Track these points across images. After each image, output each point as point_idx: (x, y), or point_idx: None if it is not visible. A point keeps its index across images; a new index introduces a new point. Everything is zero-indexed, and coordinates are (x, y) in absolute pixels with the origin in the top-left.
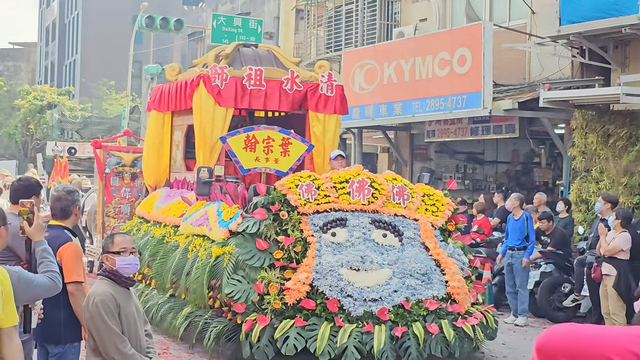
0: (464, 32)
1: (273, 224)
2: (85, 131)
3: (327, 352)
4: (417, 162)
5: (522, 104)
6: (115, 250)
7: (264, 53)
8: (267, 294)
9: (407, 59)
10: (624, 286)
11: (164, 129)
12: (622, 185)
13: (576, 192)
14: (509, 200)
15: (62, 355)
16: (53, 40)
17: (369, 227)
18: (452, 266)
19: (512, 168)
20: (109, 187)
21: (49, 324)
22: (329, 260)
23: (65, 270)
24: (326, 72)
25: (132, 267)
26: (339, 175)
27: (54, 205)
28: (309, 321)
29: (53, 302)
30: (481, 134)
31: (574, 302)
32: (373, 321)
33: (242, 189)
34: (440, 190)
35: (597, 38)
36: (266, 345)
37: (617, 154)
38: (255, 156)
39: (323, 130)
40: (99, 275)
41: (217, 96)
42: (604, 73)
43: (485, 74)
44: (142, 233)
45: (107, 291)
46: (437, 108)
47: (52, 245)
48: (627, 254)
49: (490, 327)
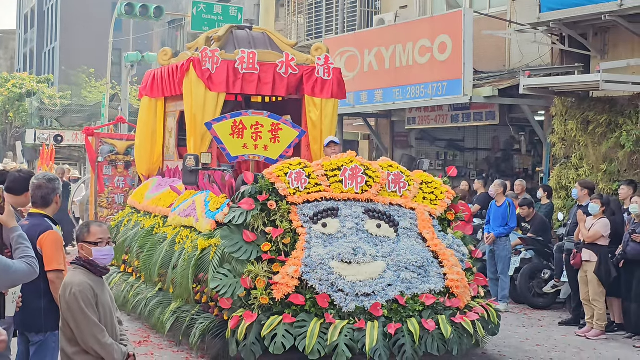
0: (444, 19)
1: (261, 214)
2: (65, 119)
3: (317, 350)
4: (398, 149)
5: (502, 91)
6: (91, 241)
7: (258, 35)
8: (254, 288)
9: (387, 46)
10: (605, 272)
11: (157, 116)
12: (602, 172)
13: (556, 179)
14: (492, 187)
15: (43, 343)
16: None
17: (362, 217)
18: (451, 258)
19: (492, 155)
20: (102, 176)
21: (29, 312)
22: (319, 253)
23: (45, 258)
24: (323, 55)
25: (109, 257)
26: (331, 163)
27: (35, 193)
28: (297, 317)
29: (33, 290)
30: (461, 121)
31: (553, 288)
32: (365, 317)
33: (229, 177)
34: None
35: (576, 25)
36: (253, 343)
37: (597, 141)
38: (243, 143)
39: (320, 115)
40: (74, 264)
41: (207, 81)
42: (584, 60)
43: (465, 61)
44: (132, 224)
45: (85, 281)
46: (418, 95)
47: (32, 234)
48: (607, 239)
49: (493, 322)
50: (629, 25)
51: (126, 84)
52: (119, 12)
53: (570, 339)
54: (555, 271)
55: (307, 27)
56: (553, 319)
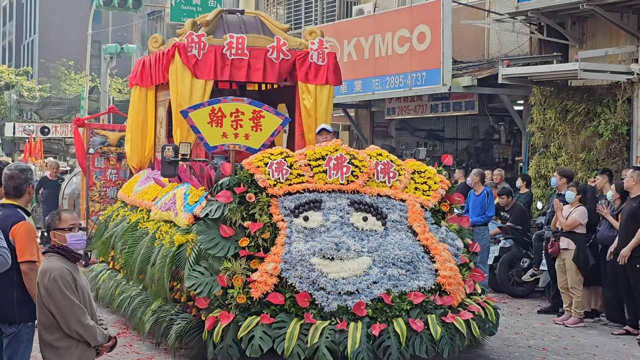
0: (423, 9)
1: (239, 207)
2: (44, 112)
3: (297, 353)
4: (378, 140)
5: (481, 81)
6: (64, 227)
7: (250, 20)
8: (232, 287)
9: (366, 36)
10: (583, 259)
11: (148, 106)
12: (580, 161)
13: (535, 168)
14: (470, 176)
15: (16, 335)
16: (10, 20)
17: (348, 209)
18: (443, 252)
19: (472, 145)
20: (93, 169)
21: (2, 303)
22: (300, 248)
23: (18, 249)
24: (317, 39)
25: (82, 242)
26: (314, 152)
27: (7, 184)
28: (276, 318)
29: (6, 282)
30: (441, 111)
31: (532, 276)
32: (348, 317)
33: (208, 168)
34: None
35: (555, 14)
36: (230, 345)
37: (575, 130)
38: (223, 132)
39: (314, 102)
40: (47, 252)
41: (193, 67)
42: (562, 49)
43: (444, 51)
44: (119, 219)
45: (63, 266)
46: (397, 85)
47: (4, 224)
48: (585, 227)
49: (491, 321)
50: (606, 14)
51: (105, 76)
52: (97, 3)
53: (548, 327)
54: (534, 260)
55: (287, 17)
56: (532, 307)
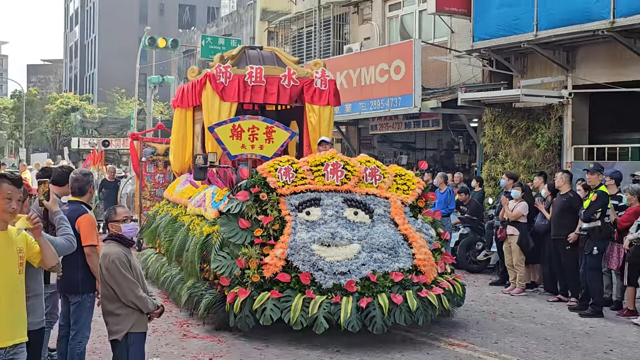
0: (399, 47)
1: (254, 204)
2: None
3: (300, 322)
4: (364, 150)
5: (445, 103)
6: (119, 219)
7: (267, 54)
8: (248, 268)
9: (354, 69)
10: (524, 243)
11: (187, 123)
12: (522, 166)
13: (487, 172)
14: (436, 178)
15: (81, 303)
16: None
17: (342, 205)
18: (419, 240)
19: (437, 154)
20: (145, 173)
21: (69, 279)
22: (303, 237)
23: (82, 236)
24: (320, 69)
25: (134, 230)
26: (315, 159)
27: (73, 185)
28: (284, 293)
29: (72, 262)
30: (413, 127)
31: (485, 256)
32: (341, 293)
33: (230, 173)
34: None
35: (502, 51)
36: (247, 315)
37: (518, 142)
38: (242, 143)
39: (318, 120)
40: (107, 240)
41: (221, 92)
42: (508, 78)
43: (415, 80)
44: (164, 213)
45: (119, 250)
46: (379, 107)
47: (72, 216)
48: (526, 218)
49: (458, 295)
50: (542, 51)
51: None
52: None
53: (498, 296)
54: (487, 243)
55: (292, 55)
56: (485, 281)
